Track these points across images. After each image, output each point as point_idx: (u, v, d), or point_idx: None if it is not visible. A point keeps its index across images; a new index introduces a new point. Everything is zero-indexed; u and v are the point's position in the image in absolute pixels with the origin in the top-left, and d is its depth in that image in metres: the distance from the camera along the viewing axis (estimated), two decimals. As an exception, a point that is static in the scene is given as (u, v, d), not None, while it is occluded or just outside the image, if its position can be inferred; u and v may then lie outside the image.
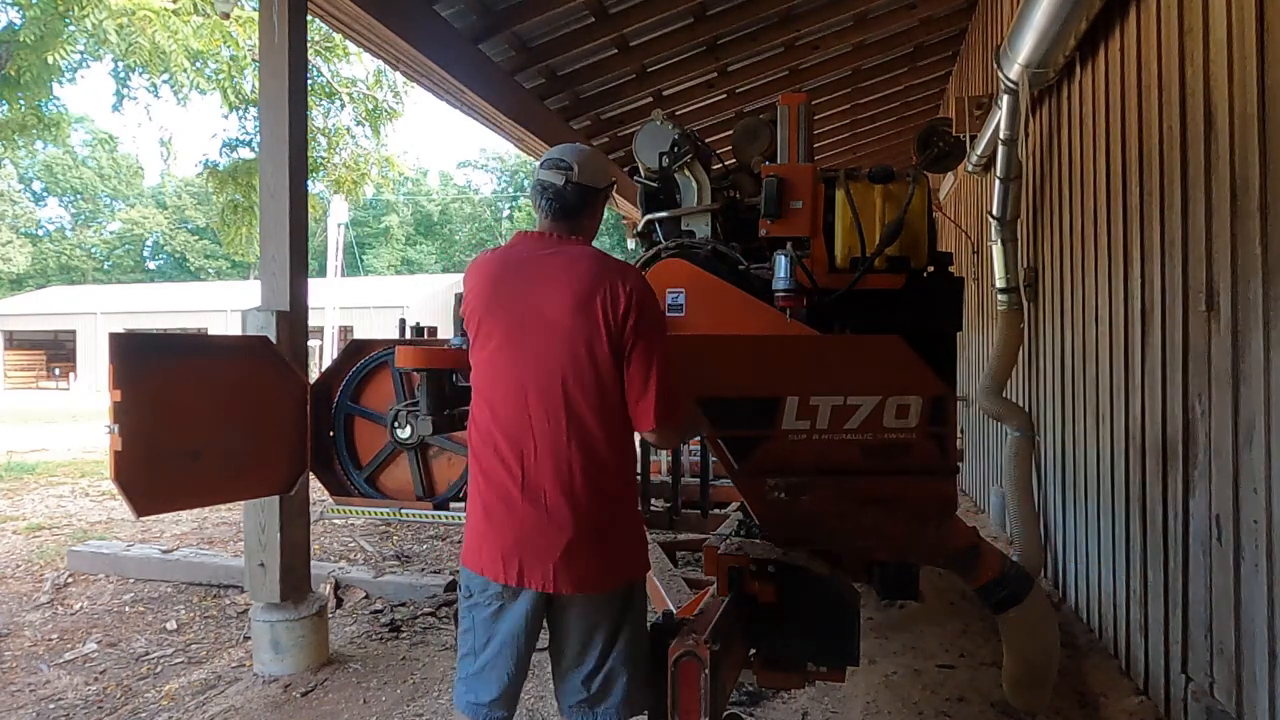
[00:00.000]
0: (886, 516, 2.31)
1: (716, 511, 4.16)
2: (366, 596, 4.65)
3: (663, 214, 2.92)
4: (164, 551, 5.33)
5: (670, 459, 4.27)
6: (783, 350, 2.34)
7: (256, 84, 8.83)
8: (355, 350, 3.54)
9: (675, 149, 2.87)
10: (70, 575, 5.15)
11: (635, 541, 2.06)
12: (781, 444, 2.29)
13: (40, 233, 45.48)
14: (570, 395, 1.91)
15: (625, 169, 8.22)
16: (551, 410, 1.92)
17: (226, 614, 4.50)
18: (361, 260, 43.71)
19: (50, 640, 4.15)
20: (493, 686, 2.03)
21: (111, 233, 47.93)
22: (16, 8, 10.24)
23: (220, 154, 13.19)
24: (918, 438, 2.27)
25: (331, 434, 3.51)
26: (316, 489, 3.78)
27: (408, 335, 3.45)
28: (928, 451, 2.27)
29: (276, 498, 3.47)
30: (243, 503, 3.54)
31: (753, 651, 2.34)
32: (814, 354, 2.33)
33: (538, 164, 2.10)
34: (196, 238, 46.42)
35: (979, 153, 5.34)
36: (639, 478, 4.29)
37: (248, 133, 13.04)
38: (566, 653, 2.02)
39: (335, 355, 3.67)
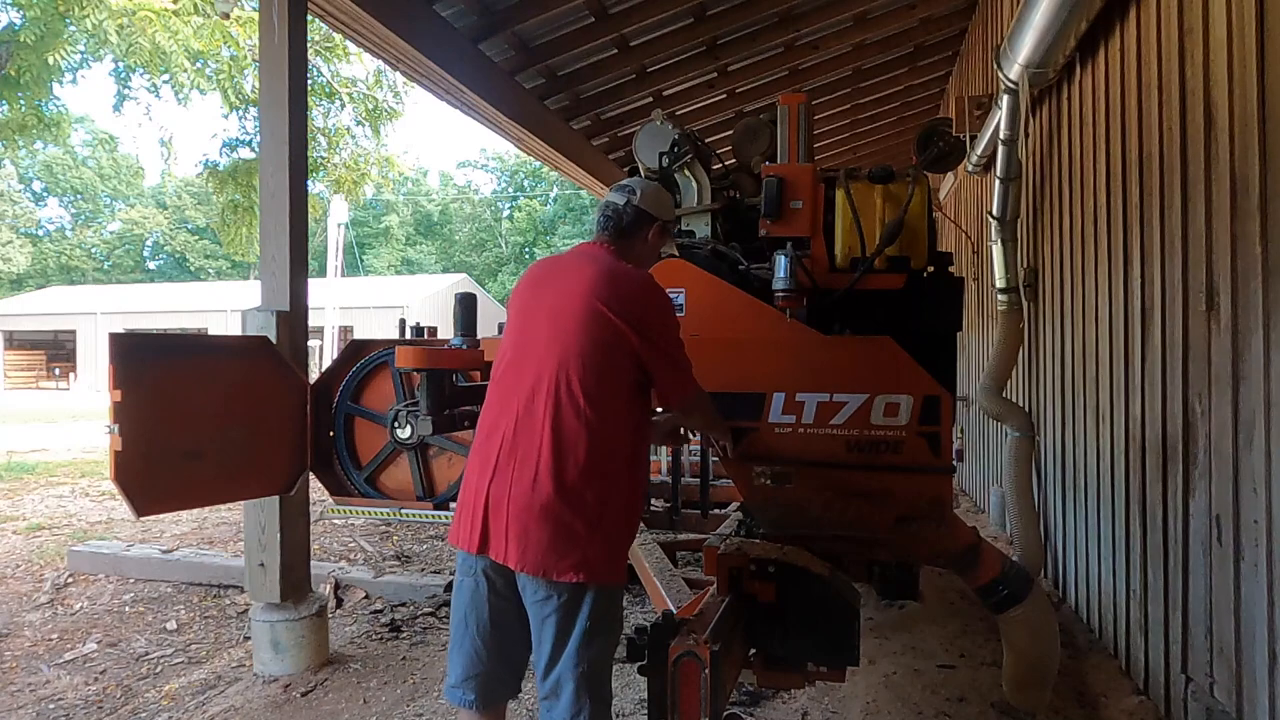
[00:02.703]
0: (874, 510, 2.34)
1: (716, 511, 4.16)
2: (366, 596, 4.65)
3: (663, 214, 2.92)
4: (164, 551, 5.34)
5: (670, 459, 4.27)
6: (771, 350, 2.41)
7: (256, 84, 8.82)
8: (355, 350, 3.54)
9: (675, 149, 2.87)
10: (70, 575, 5.15)
11: (601, 543, 1.98)
12: (768, 435, 2.39)
13: (40, 233, 45.46)
14: (561, 385, 1.97)
15: (625, 169, 8.24)
16: (540, 397, 1.98)
17: (226, 614, 4.50)
18: (361, 260, 43.72)
19: (50, 640, 4.15)
20: (458, 665, 2.08)
21: (111, 233, 47.93)
22: (16, 8, 10.23)
23: (220, 154, 13.17)
24: (908, 435, 2.29)
25: (331, 434, 3.52)
26: (316, 489, 3.78)
27: (408, 335, 3.46)
28: (919, 449, 2.29)
29: (276, 498, 3.47)
30: (243, 503, 3.54)
31: (753, 651, 2.34)
32: (803, 353, 2.38)
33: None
34: (196, 238, 46.42)
35: (979, 153, 5.34)
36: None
37: (248, 133, 13.03)
38: (533, 641, 2.06)
39: (335, 355, 3.68)
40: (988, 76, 5.32)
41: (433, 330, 3.59)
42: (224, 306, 30.21)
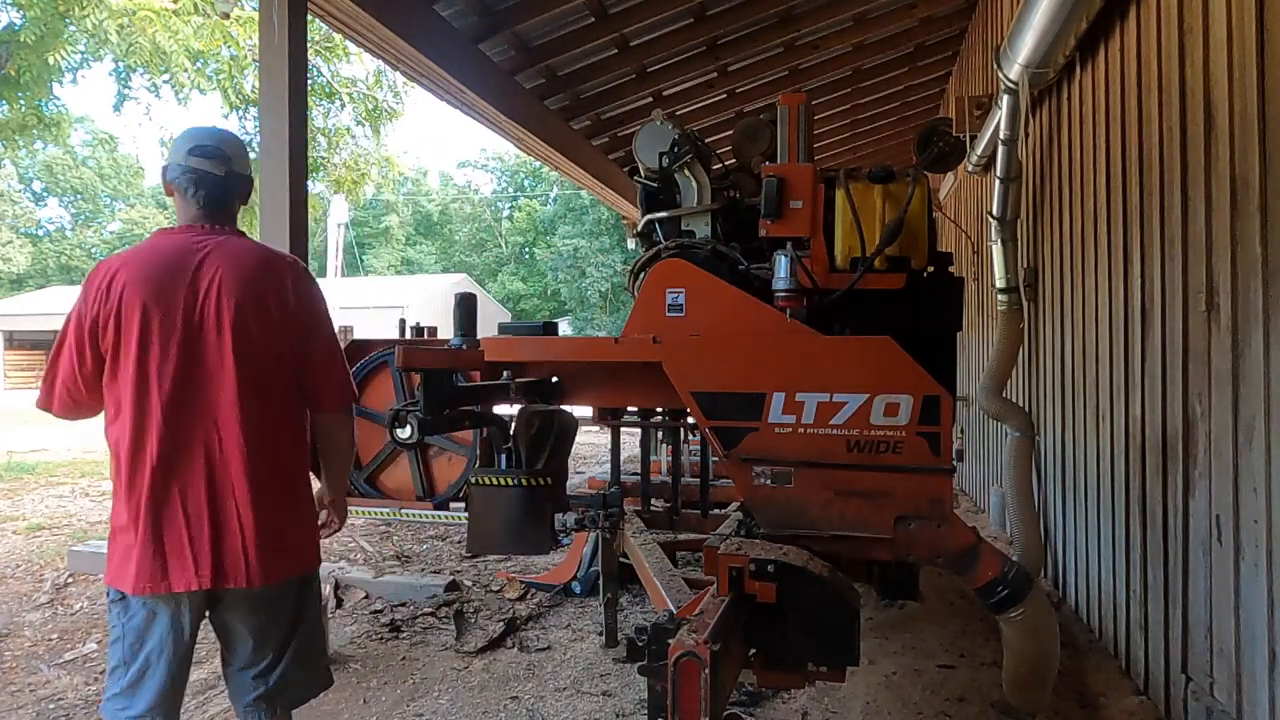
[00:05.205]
0: (874, 510, 2.34)
1: (716, 511, 4.16)
2: (366, 596, 4.65)
3: (663, 214, 2.93)
4: (164, 551, 5.33)
5: (670, 459, 4.27)
6: (771, 350, 2.40)
7: (256, 84, 8.82)
8: (355, 350, 3.54)
9: (675, 149, 2.87)
10: (70, 575, 5.15)
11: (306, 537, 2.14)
12: (768, 435, 2.38)
13: (40, 233, 45.46)
14: (254, 394, 1.96)
15: (625, 169, 8.24)
16: (238, 413, 1.94)
17: (226, 614, 4.50)
18: (361, 260, 43.73)
19: (50, 640, 4.15)
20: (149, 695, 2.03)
21: (111, 233, 47.88)
22: (16, 8, 10.23)
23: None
24: (908, 435, 2.29)
25: (331, 434, 3.51)
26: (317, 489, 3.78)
27: (408, 335, 3.46)
28: (919, 449, 2.29)
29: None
30: (243, 503, 3.53)
31: (753, 651, 2.34)
32: (803, 353, 2.38)
33: (184, 149, 2.00)
34: (197, 238, 46.33)
35: (979, 153, 5.34)
36: (642, 478, 4.29)
37: (248, 133, 13.02)
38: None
39: (335, 355, 3.66)
40: (988, 76, 5.32)
41: (433, 330, 3.58)
42: (224, 306, 30.13)
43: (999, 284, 4.89)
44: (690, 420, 3.32)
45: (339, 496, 2.33)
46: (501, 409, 3.03)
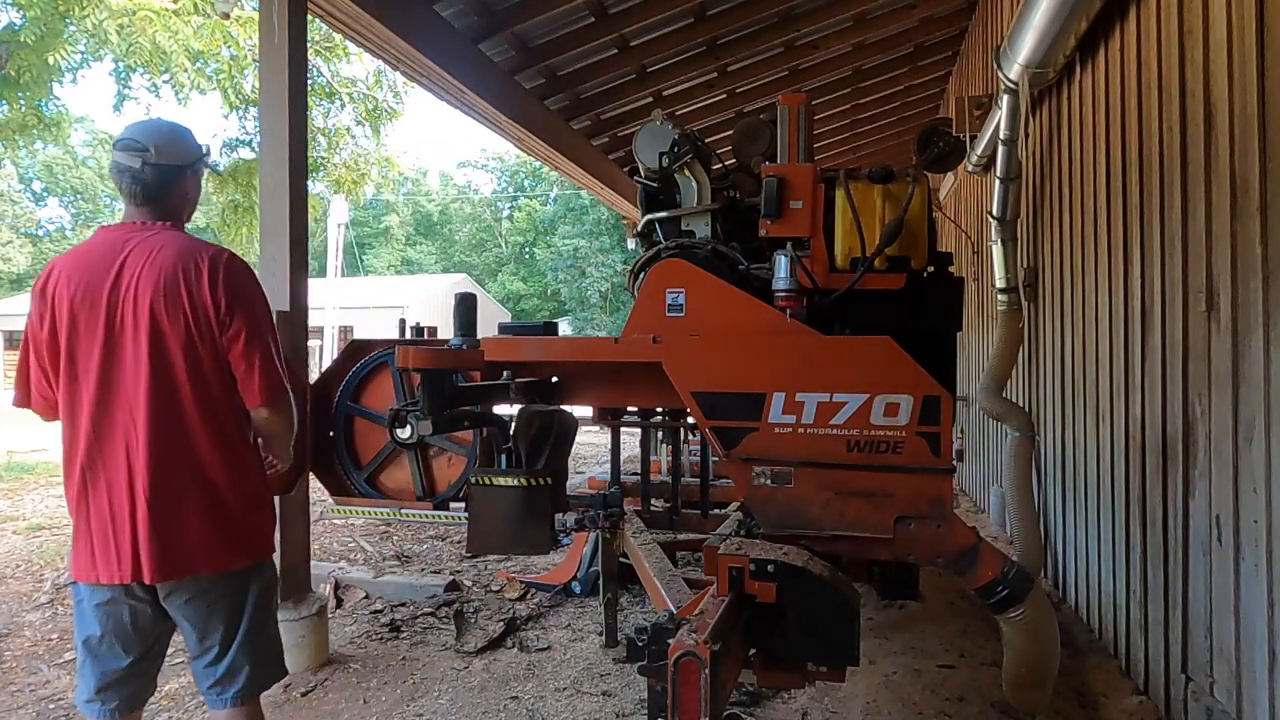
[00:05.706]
0: (874, 510, 2.34)
1: (716, 511, 4.16)
2: (366, 596, 4.65)
3: (663, 214, 2.93)
4: (164, 551, 5.32)
5: (670, 459, 4.27)
6: (771, 350, 2.40)
7: (256, 84, 8.82)
8: (355, 350, 3.54)
9: (675, 149, 2.87)
10: (70, 575, 5.14)
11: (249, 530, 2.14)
12: (768, 435, 2.38)
13: (40, 233, 45.43)
14: (166, 391, 1.94)
15: (625, 169, 8.25)
16: (146, 410, 1.93)
17: (226, 614, 4.50)
18: (361, 260, 43.68)
19: (50, 640, 4.15)
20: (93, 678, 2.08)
21: (111, 233, 47.87)
22: (16, 8, 10.22)
23: (220, 154, 13.17)
24: (908, 435, 2.29)
25: (331, 434, 3.51)
26: (316, 489, 3.78)
27: (408, 335, 3.45)
28: (919, 449, 2.29)
29: (276, 498, 3.45)
30: (242, 503, 3.53)
31: (753, 651, 2.34)
32: (803, 353, 2.38)
33: (115, 145, 2.03)
34: (197, 238, 46.33)
35: (979, 153, 5.34)
36: (642, 478, 4.29)
37: (248, 133, 13.03)
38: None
39: (335, 355, 3.67)
40: (988, 76, 5.33)
41: (433, 330, 3.58)
42: (224, 306, 30.08)
43: (999, 284, 4.89)
44: (690, 420, 3.33)
45: (281, 452, 2.30)
46: (501, 409, 3.03)
